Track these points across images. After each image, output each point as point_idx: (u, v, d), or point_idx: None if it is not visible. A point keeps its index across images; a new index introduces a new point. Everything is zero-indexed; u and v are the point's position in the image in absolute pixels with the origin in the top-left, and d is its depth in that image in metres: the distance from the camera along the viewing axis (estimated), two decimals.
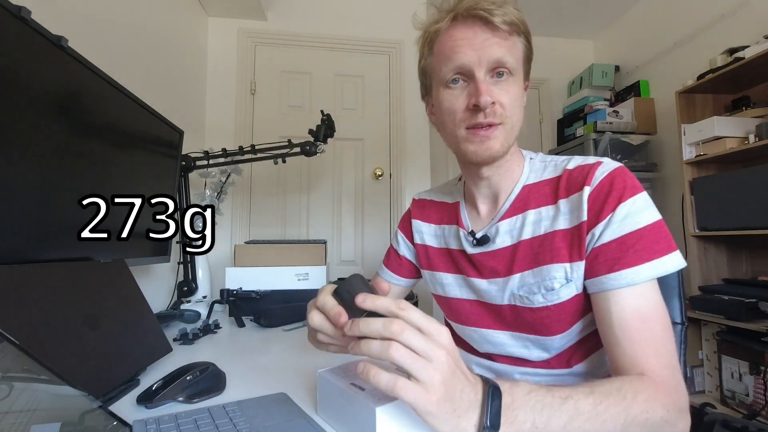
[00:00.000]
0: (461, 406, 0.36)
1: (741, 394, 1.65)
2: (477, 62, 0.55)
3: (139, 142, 0.93)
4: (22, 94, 0.58)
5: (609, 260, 0.50)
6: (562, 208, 0.56)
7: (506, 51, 0.55)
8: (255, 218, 2.09)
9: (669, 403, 0.44)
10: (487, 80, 0.55)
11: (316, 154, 1.28)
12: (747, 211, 1.64)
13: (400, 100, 2.23)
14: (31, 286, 0.51)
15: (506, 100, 0.55)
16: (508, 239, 0.61)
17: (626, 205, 0.50)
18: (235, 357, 0.74)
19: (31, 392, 0.34)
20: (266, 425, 0.44)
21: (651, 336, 0.47)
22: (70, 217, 0.69)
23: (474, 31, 0.55)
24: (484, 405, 0.36)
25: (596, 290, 0.51)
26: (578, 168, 0.57)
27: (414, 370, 0.34)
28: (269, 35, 2.15)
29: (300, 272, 1.22)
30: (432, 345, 0.35)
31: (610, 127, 2.30)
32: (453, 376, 0.36)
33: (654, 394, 0.43)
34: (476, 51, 0.55)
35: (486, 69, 0.55)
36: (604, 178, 0.53)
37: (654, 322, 0.48)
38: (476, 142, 0.57)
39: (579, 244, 0.53)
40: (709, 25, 2.07)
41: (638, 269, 0.48)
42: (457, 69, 0.56)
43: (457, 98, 0.57)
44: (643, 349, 0.47)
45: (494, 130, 0.56)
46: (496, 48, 0.54)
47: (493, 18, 0.53)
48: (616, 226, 0.50)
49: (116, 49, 1.18)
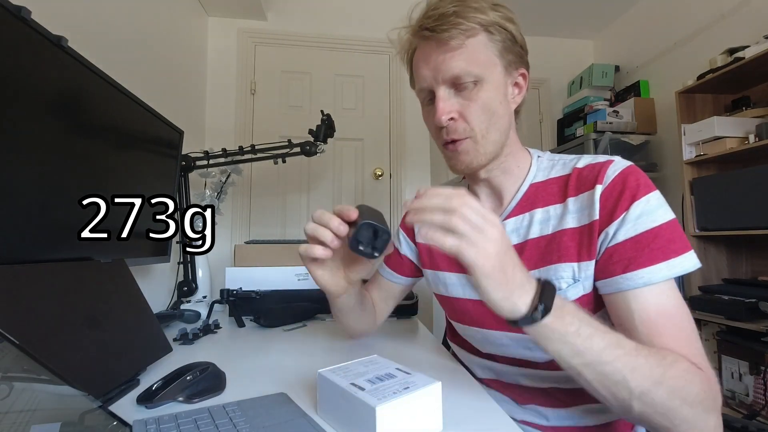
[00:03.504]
0: (513, 282, 0.40)
1: (741, 394, 1.65)
2: (433, 79, 0.56)
3: (139, 142, 0.93)
4: (22, 94, 0.58)
5: (624, 260, 0.48)
6: (571, 207, 0.55)
7: (463, 61, 0.53)
8: (255, 218, 2.09)
9: (707, 387, 0.43)
10: (448, 96, 0.56)
11: (316, 154, 1.28)
12: (747, 211, 1.64)
13: (400, 100, 2.23)
14: (31, 286, 0.51)
15: (470, 112, 0.55)
16: (514, 238, 0.60)
17: (640, 204, 0.49)
18: (235, 357, 0.74)
19: (31, 392, 0.34)
20: (266, 425, 0.44)
21: (679, 332, 0.46)
22: (70, 217, 0.69)
23: (428, 51, 0.56)
24: (538, 290, 0.41)
25: (612, 291, 0.50)
26: (588, 166, 0.56)
27: (472, 238, 0.38)
28: (269, 35, 2.15)
29: (300, 272, 1.21)
30: (487, 223, 0.39)
31: (610, 127, 2.30)
32: (506, 253, 0.40)
33: (694, 371, 0.43)
34: (431, 70, 0.55)
35: (446, 84, 0.55)
36: (616, 176, 0.52)
37: (680, 319, 0.47)
38: (451, 158, 0.60)
39: (589, 243, 0.52)
40: (709, 25, 2.07)
41: (655, 269, 0.46)
42: (422, 90, 0.58)
43: (429, 115, 0.60)
44: (675, 343, 0.45)
45: (461, 144, 0.57)
46: (449, 62, 0.54)
47: (440, 35, 0.53)
48: (631, 225, 0.49)
49: (116, 49, 1.18)
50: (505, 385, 0.64)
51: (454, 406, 0.50)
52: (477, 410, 0.50)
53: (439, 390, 0.43)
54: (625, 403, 0.42)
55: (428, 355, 0.76)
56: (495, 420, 0.48)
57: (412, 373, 0.46)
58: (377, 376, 0.45)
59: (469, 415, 0.49)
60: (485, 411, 0.50)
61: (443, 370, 0.66)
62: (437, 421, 0.43)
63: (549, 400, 0.60)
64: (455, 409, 0.49)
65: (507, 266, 0.40)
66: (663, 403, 0.41)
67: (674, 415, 0.41)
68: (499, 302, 0.41)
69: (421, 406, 0.42)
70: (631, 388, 0.41)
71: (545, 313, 0.40)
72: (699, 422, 0.42)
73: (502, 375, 0.64)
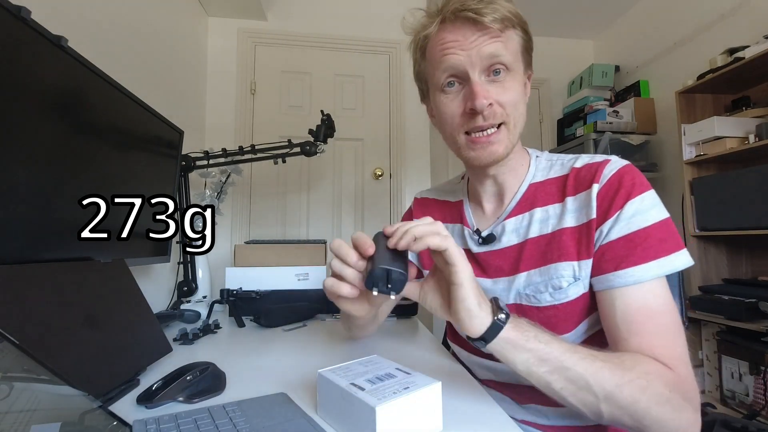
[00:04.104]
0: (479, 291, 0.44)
1: (741, 394, 1.65)
2: (469, 63, 0.54)
3: (139, 142, 0.93)
4: (22, 94, 0.58)
5: (616, 258, 0.49)
6: (570, 206, 0.56)
7: (501, 46, 0.53)
8: (255, 218, 2.09)
9: (672, 384, 0.43)
10: (482, 81, 0.54)
11: (316, 154, 1.28)
12: (747, 211, 1.64)
13: (400, 100, 2.23)
14: (31, 286, 0.51)
15: (506, 99, 0.54)
16: (514, 237, 0.60)
17: (634, 203, 0.50)
18: (235, 357, 0.74)
19: (31, 392, 0.34)
20: (266, 425, 0.44)
21: (658, 331, 0.46)
22: (70, 217, 0.69)
23: (463, 33, 0.54)
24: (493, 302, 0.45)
25: (602, 288, 0.51)
26: (586, 166, 0.57)
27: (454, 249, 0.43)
28: (269, 35, 2.15)
29: (300, 272, 1.21)
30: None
31: (610, 127, 2.30)
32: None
33: (657, 369, 0.43)
34: (467, 51, 0.53)
35: (480, 68, 0.54)
36: (612, 175, 0.53)
37: (662, 317, 0.47)
38: (477, 149, 0.57)
39: (587, 242, 0.53)
40: (709, 25, 2.07)
41: (645, 267, 0.47)
42: (450, 72, 0.55)
43: (452, 102, 0.56)
44: (650, 341, 0.46)
45: (497, 134, 0.55)
46: (488, 45, 0.53)
47: (483, 18, 0.52)
48: (624, 224, 0.50)
49: (116, 49, 1.18)
50: (506, 384, 0.64)
51: (454, 406, 0.50)
52: (477, 410, 0.50)
53: (439, 390, 0.43)
54: (594, 408, 0.43)
55: (428, 355, 0.76)
56: (495, 420, 0.48)
57: (412, 373, 0.46)
58: (377, 376, 0.45)
59: (469, 415, 0.49)
60: (485, 411, 0.50)
61: (443, 370, 0.66)
62: (437, 421, 0.43)
63: (549, 399, 0.60)
64: (455, 409, 0.49)
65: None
66: (629, 405, 0.42)
67: (642, 415, 0.42)
68: (473, 310, 0.43)
69: (421, 406, 0.42)
70: (595, 392, 0.42)
71: (507, 319, 0.43)
72: (669, 421, 0.42)
73: (503, 375, 0.64)
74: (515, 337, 0.43)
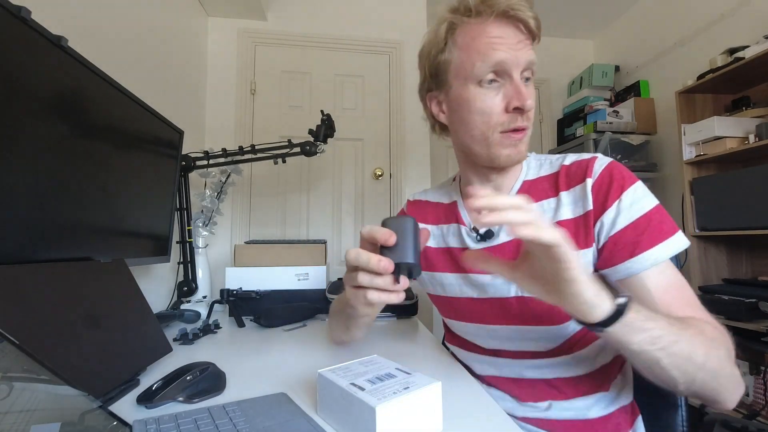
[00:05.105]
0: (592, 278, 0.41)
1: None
2: (515, 63, 0.55)
3: (139, 142, 0.93)
4: (22, 94, 0.58)
5: (629, 245, 0.52)
6: (564, 200, 0.58)
7: (534, 54, 0.56)
8: (255, 218, 2.09)
9: (728, 338, 0.48)
10: (522, 82, 0.56)
11: (316, 154, 1.28)
12: (747, 211, 1.64)
13: (400, 100, 2.23)
14: (31, 286, 0.51)
15: (532, 104, 0.57)
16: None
17: (629, 193, 0.53)
18: (235, 357, 0.74)
19: (31, 392, 0.34)
20: (266, 425, 0.44)
21: (689, 300, 0.51)
22: (70, 217, 0.69)
23: (511, 32, 0.55)
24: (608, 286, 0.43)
25: (624, 276, 0.52)
26: (575, 163, 0.60)
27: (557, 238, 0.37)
28: (269, 35, 2.15)
29: (300, 272, 1.21)
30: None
31: (610, 127, 2.30)
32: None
33: (712, 331, 0.47)
34: (514, 51, 0.55)
35: (520, 71, 0.56)
36: (603, 170, 0.56)
37: (685, 290, 0.52)
38: (510, 147, 0.58)
39: (586, 232, 0.55)
40: (709, 25, 2.07)
41: (656, 249, 0.50)
42: (495, 67, 0.55)
43: (491, 98, 0.56)
44: (689, 310, 0.50)
45: (524, 135, 0.58)
46: (529, 51, 0.56)
47: (529, 21, 0.54)
48: (626, 213, 0.52)
49: (116, 49, 1.18)
50: (507, 380, 0.64)
51: (454, 406, 0.50)
52: (477, 410, 0.50)
53: (439, 390, 0.43)
54: (688, 377, 0.44)
55: (428, 355, 0.76)
56: (495, 420, 0.48)
57: (412, 373, 0.46)
58: (377, 376, 0.45)
59: (469, 415, 0.49)
60: (485, 410, 0.50)
61: (443, 370, 0.66)
62: (437, 421, 0.43)
63: (551, 392, 0.61)
64: (455, 409, 0.49)
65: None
66: (714, 368, 0.44)
67: (722, 374, 0.45)
68: (591, 301, 0.40)
69: (421, 406, 0.42)
70: (696, 360, 0.44)
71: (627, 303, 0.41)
72: (735, 374, 0.46)
73: (505, 370, 0.64)
74: (634, 319, 0.42)
